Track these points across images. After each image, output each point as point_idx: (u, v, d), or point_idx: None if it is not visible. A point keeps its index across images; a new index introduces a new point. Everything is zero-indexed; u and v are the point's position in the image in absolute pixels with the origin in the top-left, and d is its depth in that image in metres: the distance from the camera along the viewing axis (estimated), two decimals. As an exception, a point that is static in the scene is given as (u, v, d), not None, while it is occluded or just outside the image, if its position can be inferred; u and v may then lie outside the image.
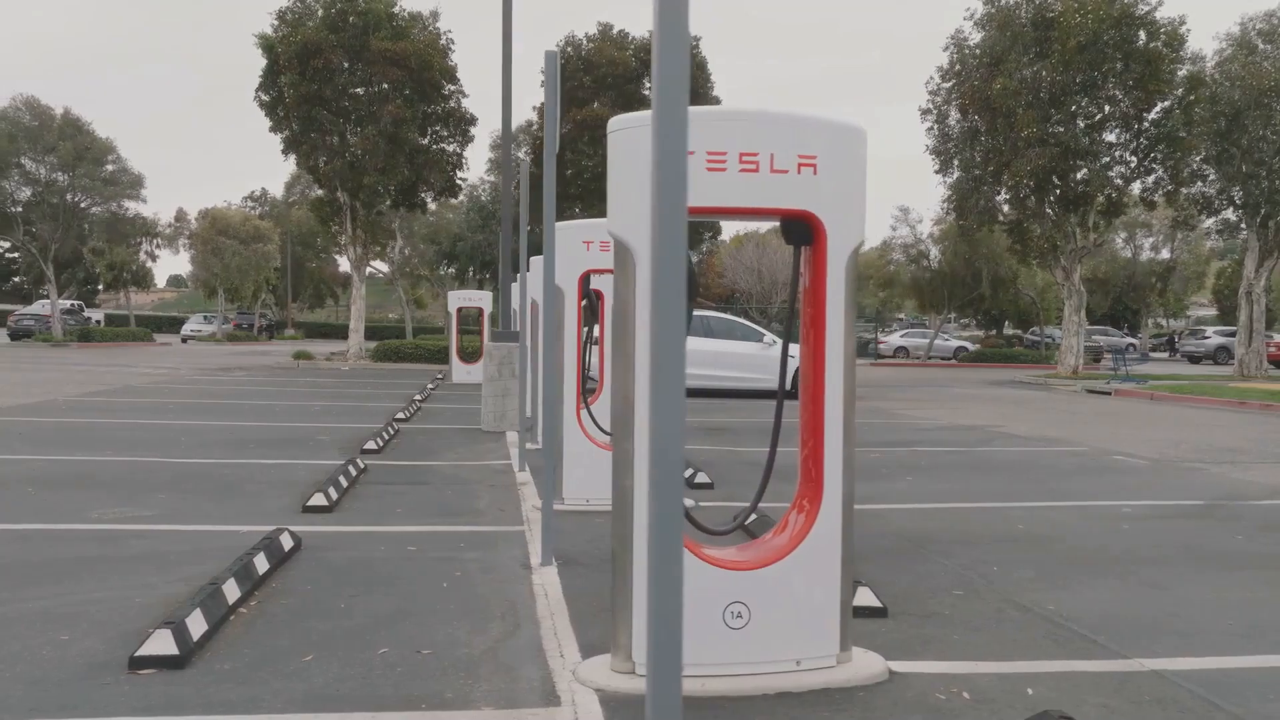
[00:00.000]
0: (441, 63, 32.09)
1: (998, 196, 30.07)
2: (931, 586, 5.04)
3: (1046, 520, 6.94)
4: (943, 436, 12.52)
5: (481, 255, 54.09)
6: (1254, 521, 7.06)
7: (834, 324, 3.60)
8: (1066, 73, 26.61)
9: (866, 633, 4.18)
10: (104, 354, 31.96)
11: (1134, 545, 6.18)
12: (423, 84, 31.39)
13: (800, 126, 3.48)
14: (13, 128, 39.45)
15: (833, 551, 3.59)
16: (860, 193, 3.58)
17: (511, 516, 6.70)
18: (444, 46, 32.81)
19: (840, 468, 3.62)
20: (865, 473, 9.08)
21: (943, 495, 7.93)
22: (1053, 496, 7.98)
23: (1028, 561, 5.66)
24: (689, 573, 3.35)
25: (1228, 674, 3.80)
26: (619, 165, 3.44)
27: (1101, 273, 55.30)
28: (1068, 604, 4.74)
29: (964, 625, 4.39)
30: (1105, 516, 7.12)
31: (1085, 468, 9.84)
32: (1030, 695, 3.50)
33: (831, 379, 3.61)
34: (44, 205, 40.96)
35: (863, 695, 3.46)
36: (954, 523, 6.80)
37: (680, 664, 1.94)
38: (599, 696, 3.39)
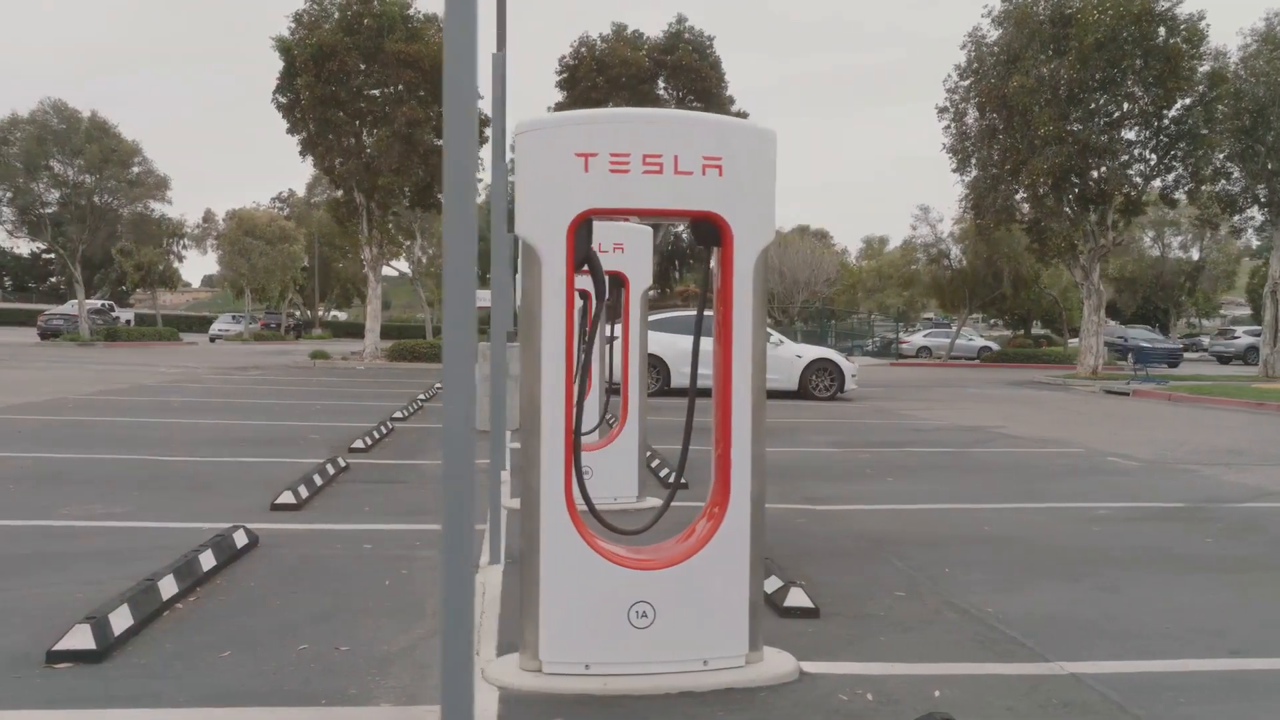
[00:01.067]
0: (457, 64, 32.31)
1: (1016, 195, 29.82)
2: (876, 588, 5.01)
3: (1016, 522, 6.88)
4: (940, 437, 12.43)
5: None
6: (1228, 524, 6.96)
7: (741, 325, 3.59)
8: (1084, 70, 26.31)
9: (794, 633, 4.18)
10: (127, 353, 32.42)
11: (1097, 547, 6.11)
12: (437, 85, 31.56)
13: (705, 128, 3.48)
14: (41, 131, 40.06)
15: (740, 552, 3.58)
16: (769, 195, 3.57)
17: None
18: (461, 48, 33.04)
19: (749, 468, 3.61)
20: (848, 473, 9.07)
21: (919, 496, 7.88)
22: (1031, 498, 7.91)
23: (983, 563, 5.62)
24: (594, 572, 3.41)
25: (1151, 677, 3.76)
26: (523, 169, 3.45)
27: (1129, 271, 54.73)
28: (1009, 606, 4.70)
29: (895, 626, 4.36)
30: (1078, 518, 7.05)
31: (1075, 469, 9.74)
32: (936, 697, 3.48)
33: (739, 380, 3.61)
34: (71, 207, 41.57)
35: (765, 695, 3.45)
36: (921, 524, 6.76)
37: (471, 659, 1.95)
38: (499, 694, 3.41)
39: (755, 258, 3.57)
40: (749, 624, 3.60)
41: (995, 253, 39.07)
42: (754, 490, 3.62)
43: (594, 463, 6.94)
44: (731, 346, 3.60)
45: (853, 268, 69.45)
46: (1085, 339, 29.46)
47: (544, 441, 3.46)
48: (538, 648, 3.51)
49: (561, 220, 3.42)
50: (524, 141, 3.46)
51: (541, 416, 3.47)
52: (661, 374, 18.56)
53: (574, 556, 3.47)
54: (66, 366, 23.53)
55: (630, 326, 7.28)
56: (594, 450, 7.09)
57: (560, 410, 3.47)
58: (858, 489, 8.19)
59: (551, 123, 3.51)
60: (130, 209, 45.72)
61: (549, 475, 3.47)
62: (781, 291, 53.20)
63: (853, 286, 68.01)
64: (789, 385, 18.64)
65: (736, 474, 3.60)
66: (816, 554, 5.78)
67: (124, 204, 45.50)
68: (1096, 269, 29.00)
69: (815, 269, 53.21)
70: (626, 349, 7.35)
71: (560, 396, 3.46)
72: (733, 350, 3.59)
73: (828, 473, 9.10)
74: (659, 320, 19.91)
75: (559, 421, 3.47)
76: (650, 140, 3.41)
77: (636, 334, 7.27)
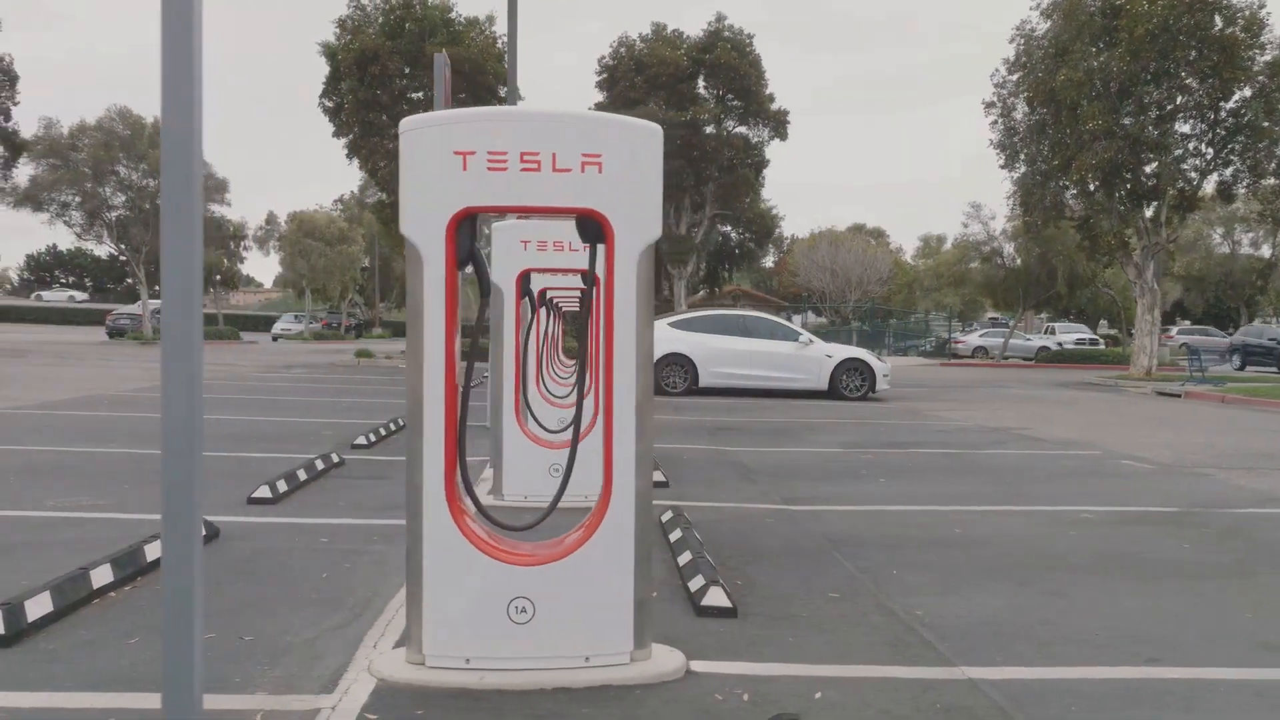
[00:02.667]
0: (496, 67, 32.60)
1: (1065, 192, 29.17)
2: (812, 588, 4.96)
3: (992, 524, 6.75)
4: (955, 439, 12.22)
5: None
6: (1215, 530, 6.74)
7: (624, 322, 3.59)
8: (1135, 62, 25.60)
9: (705, 632, 4.18)
10: None
11: (1065, 551, 5.96)
12: (477, 88, 31.91)
13: (582, 126, 3.48)
14: (108, 137, 41.39)
15: (623, 548, 3.58)
16: (652, 192, 3.55)
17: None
18: (499, 51, 33.34)
19: (632, 465, 3.60)
20: (841, 474, 8.98)
21: (903, 498, 7.76)
22: (1020, 501, 7.75)
23: (936, 565, 5.52)
24: (473, 567, 3.44)
25: (1052, 684, 3.67)
26: (404, 168, 3.48)
27: (1196, 270, 53.14)
28: (943, 609, 4.62)
29: (813, 628, 4.32)
30: (1058, 521, 6.89)
31: (1080, 471, 9.51)
32: (817, 699, 3.44)
33: (621, 375, 3.61)
34: (136, 210, 42.91)
35: (640, 693, 3.44)
36: (891, 526, 6.66)
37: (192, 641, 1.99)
38: (376, 686, 3.46)
39: (638, 255, 3.56)
40: (634, 621, 3.60)
41: (1049, 250, 38.26)
42: (639, 487, 3.61)
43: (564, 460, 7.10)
44: (614, 343, 3.59)
45: (907, 266, 68.56)
46: (1139, 339, 28.68)
47: (426, 439, 3.50)
48: (421, 641, 3.55)
49: (441, 219, 3.44)
50: (405, 141, 3.47)
51: (424, 414, 3.50)
52: (690, 373, 18.53)
53: (455, 552, 3.50)
54: (121, 364, 24.28)
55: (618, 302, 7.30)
56: (562, 449, 7.16)
57: (441, 408, 3.49)
58: (844, 490, 8.11)
59: (430, 122, 3.51)
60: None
61: (430, 472, 3.50)
62: (834, 290, 52.79)
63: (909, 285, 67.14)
64: (819, 385, 18.50)
65: (619, 471, 3.59)
66: (769, 554, 5.74)
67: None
68: (1150, 267, 28.20)
69: (868, 267, 52.68)
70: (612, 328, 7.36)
71: (441, 394, 3.49)
72: (615, 346, 3.59)
73: (820, 473, 9.02)
74: (687, 320, 19.94)
75: (439, 419, 3.49)
76: (527, 138, 3.41)
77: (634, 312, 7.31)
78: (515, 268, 7.01)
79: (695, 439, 11.35)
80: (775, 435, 12.12)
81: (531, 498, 6.95)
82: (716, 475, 8.72)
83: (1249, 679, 3.80)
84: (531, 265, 7.03)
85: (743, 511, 7.01)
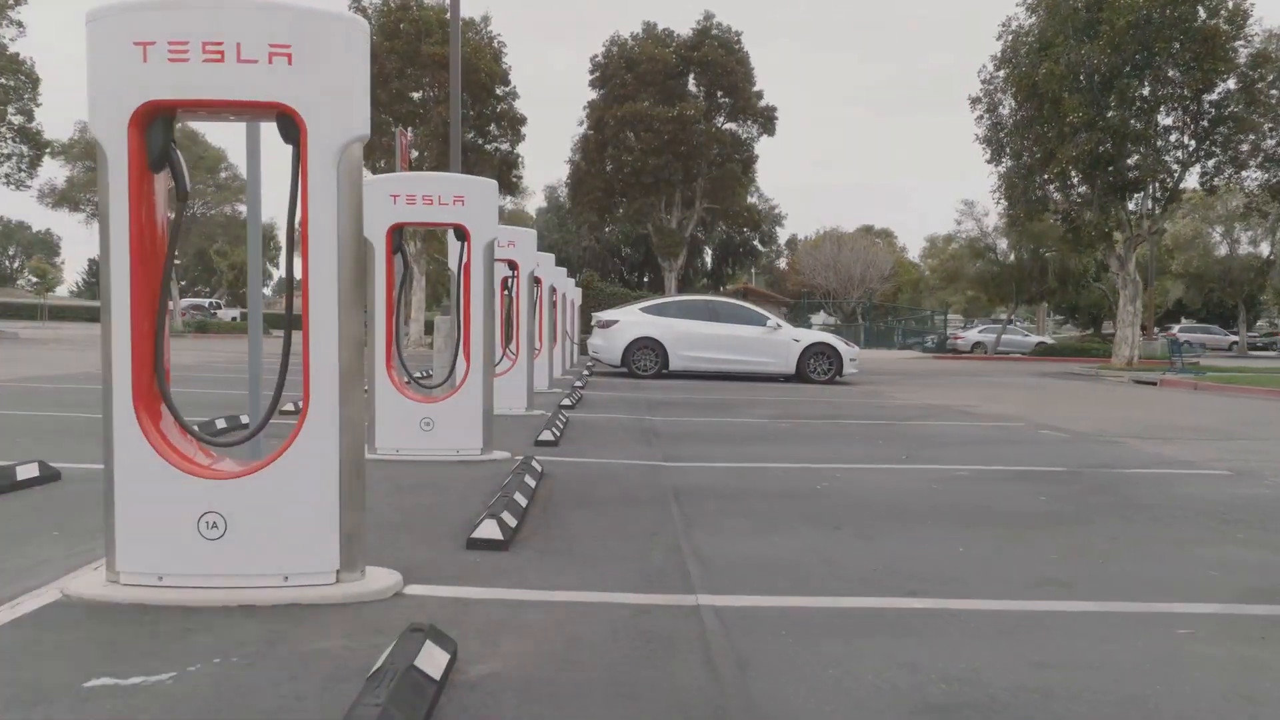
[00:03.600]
0: (492, 66, 32.60)
1: (1048, 185, 28.87)
2: (617, 530, 4.78)
3: (858, 481, 6.54)
4: (888, 413, 11.97)
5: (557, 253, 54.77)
6: (1085, 486, 6.51)
7: (323, 233, 3.39)
8: (1117, 54, 25.29)
9: (461, 562, 4.03)
10: (206, 342, 33.45)
11: (912, 504, 5.75)
12: (473, 86, 31.90)
13: (271, 14, 3.30)
14: None
15: (325, 470, 3.42)
16: (353, 86, 3.38)
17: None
18: (495, 50, 33.33)
19: (334, 386, 3.42)
20: (745, 439, 8.81)
21: (786, 458, 7.57)
22: (907, 462, 7.53)
23: (765, 513, 5.32)
24: (164, 481, 3.27)
25: (778, 611, 3.48)
26: (89, 61, 3.26)
27: (1195, 267, 52.52)
28: (733, 550, 4.44)
29: (580, 560, 4.15)
30: (929, 478, 6.67)
31: (990, 439, 9.29)
32: (527, 622, 3.27)
33: (318, 289, 3.40)
34: (168, 212, 43.15)
35: (324, 611, 3.27)
36: (751, 480, 6.47)
37: None
38: (55, 600, 3.33)
39: (335, 153, 3.35)
40: (340, 542, 3.44)
41: (1041, 245, 37.91)
42: (343, 412, 3.44)
43: (436, 415, 7.04)
44: (309, 255, 3.39)
45: (910, 265, 68.25)
46: (1121, 329, 28.33)
47: (114, 348, 3.36)
48: (115, 559, 3.41)
49: (122, 114, 3.26)
50: (88, 32, 3.27)
51: (112, 321, 3.34)
52: (660, 357, 18.43)
53: (143, 466, 3.36)
54: None
55: (473, 281, 7.15)
56: (435, 403, 7.09)
57: (127, 315, 3.32)
58: (731, 450, 7.92)
59: (110, 10, 3.27)
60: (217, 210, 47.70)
61: (119, 383, 3.37)
62: (836, 288, 52.54)
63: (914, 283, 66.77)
64: (787, 369, 18.37)
65: (315, 389, 3.43)
66: (603, 501, 5.57)
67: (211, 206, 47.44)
68: (1133, 259, 27.87)
69: (869, 266, 52.47)
70: (469, 304, 7.23)
71: (126, 303, 3.32)
72: (310, 256, 3.39)
73: (723, 439, 8.83)
74: (658, 305, 19.85)
75: (125, 326, 3.33)
76: (210, 27, 3.23)
77: (481, 289, 7.15)
78: (385, 222, 6.85)
79: (627, 411, 11.20)
80: (709, 409, 11.94)
81: (404, 451, 6.84)
82: (618, 439, 8.56)
83: (998, 609, 3.61)
84: (402, 220, 6.88)
85: (613, 467, 6.84)
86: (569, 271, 23.97)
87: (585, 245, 56.32)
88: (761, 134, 36.82)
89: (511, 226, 11.98)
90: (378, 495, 5.42)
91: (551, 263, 14.80)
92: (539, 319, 14.08)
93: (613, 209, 38.48)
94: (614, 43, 36.00)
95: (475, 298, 7.08)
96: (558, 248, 52.79)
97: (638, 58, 34.80)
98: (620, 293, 34.77)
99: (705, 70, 35.22)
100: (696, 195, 36.86)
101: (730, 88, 35.20)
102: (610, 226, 54.77)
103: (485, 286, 7.11)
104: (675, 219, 37.36)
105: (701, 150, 35.22)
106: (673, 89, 34.91)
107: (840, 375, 18.46)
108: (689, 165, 35.31)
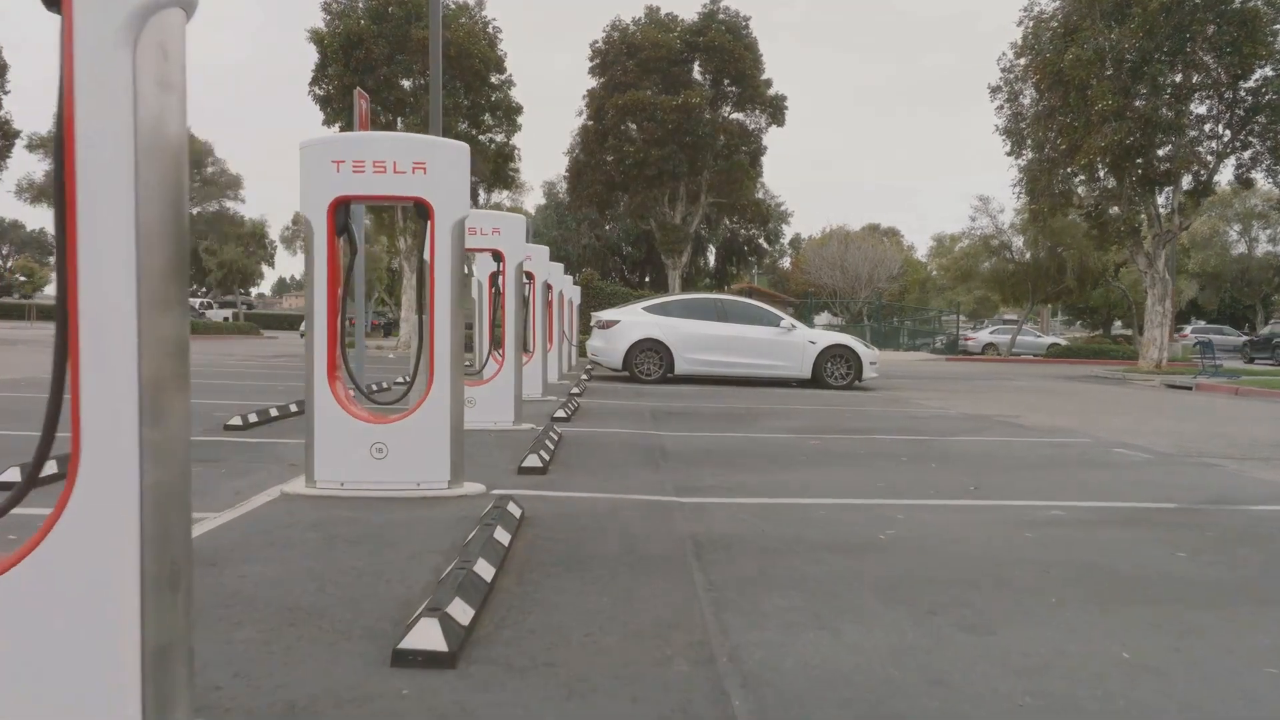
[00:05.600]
0: (486, 52, 31.09)
1: (1073, 178, 27.43)
2: (617, 617, 3.35)
3: (926, 523, 5.12)
4: (925, 425, 10.56)
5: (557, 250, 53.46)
6: (1222, 534, 5.08)
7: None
8: (1148, 39, 23.83)
9: (389, 694, 2.58)
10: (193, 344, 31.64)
11: (1007, 563, 4.31)
12: (466, 73, 30.42)
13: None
14: None
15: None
16: None
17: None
18: (489, 35, 31.83)
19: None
20: (770, 461, 7.37)
21: (827, 489, 6.14)
22: (976, 494, 6.12)
23: (819, 581, 3.90)
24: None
25: None
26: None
27: (1211, 267, 51.17)
28: (788, 657, 3.02)
29: (558, 688, 2.72)
30: (1016, 521, 5.26)
31: (1057, 460, 7.88)
32: None
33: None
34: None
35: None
36: (790, 524, 5.01)
37: None
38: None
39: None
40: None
41: (1059, 243, 36.44)
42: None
43: (390, 438, 5.57)
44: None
45: (917, 263, 66.87)
46: (1149, 330, 26.86)
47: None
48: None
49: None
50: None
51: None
52: (665, 360, 16.95)
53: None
54: None
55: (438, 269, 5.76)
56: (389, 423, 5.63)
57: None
58: (757, 479, 6.48)
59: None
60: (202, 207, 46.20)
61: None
62: (844, 287, 51.05)
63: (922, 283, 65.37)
64: (802, 373, 16.91)
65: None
66: (597, 561, 4.13)
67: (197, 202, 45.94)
68: (1162, 256, 26.43)
69: (877, 264, 51.10)
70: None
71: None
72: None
73: (742, 460, 7.40)
74: (662, 304, 18.32)
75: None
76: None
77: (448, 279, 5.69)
78: (327, 195, 5.38)
79: (630, 423, 9.78)
80: (722, 420, 10.52)
81: (350, 485, 5.35)
82: (620, 461, 7.13)
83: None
84: (348, 192, 5.39)
85: (614, 505, 5.40)
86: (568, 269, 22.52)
87: (585, 243, 54.94)
88: (770, 124, 35.21)
89: (496, 212, 10.52)
90: (296, 554, 4.00)
91: (545, 256, 13.32)
92: (531, 319, 12.64)
93: (613, 203, 36.89)
94: (615, 27, 34.38)
95: (441, 290, 5.55)
96: (557, 245, 51.43)
97: (640, 43, 33.19)
98: (621, 292, 33.32)
99: (711, 56, 33.58)
100: (702, 189, 35.27)
101: (738, 75, 33.58)
102: (611, 224, 53.29)
103: (454, 276, 5.61)
104: (679, 214, 35.83)
105: (707, 141, 33.59)
106: (677, 76, 33.29)
107: (859, 380, 17.02)
108: (694, 157, 33.69)
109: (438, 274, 5.43)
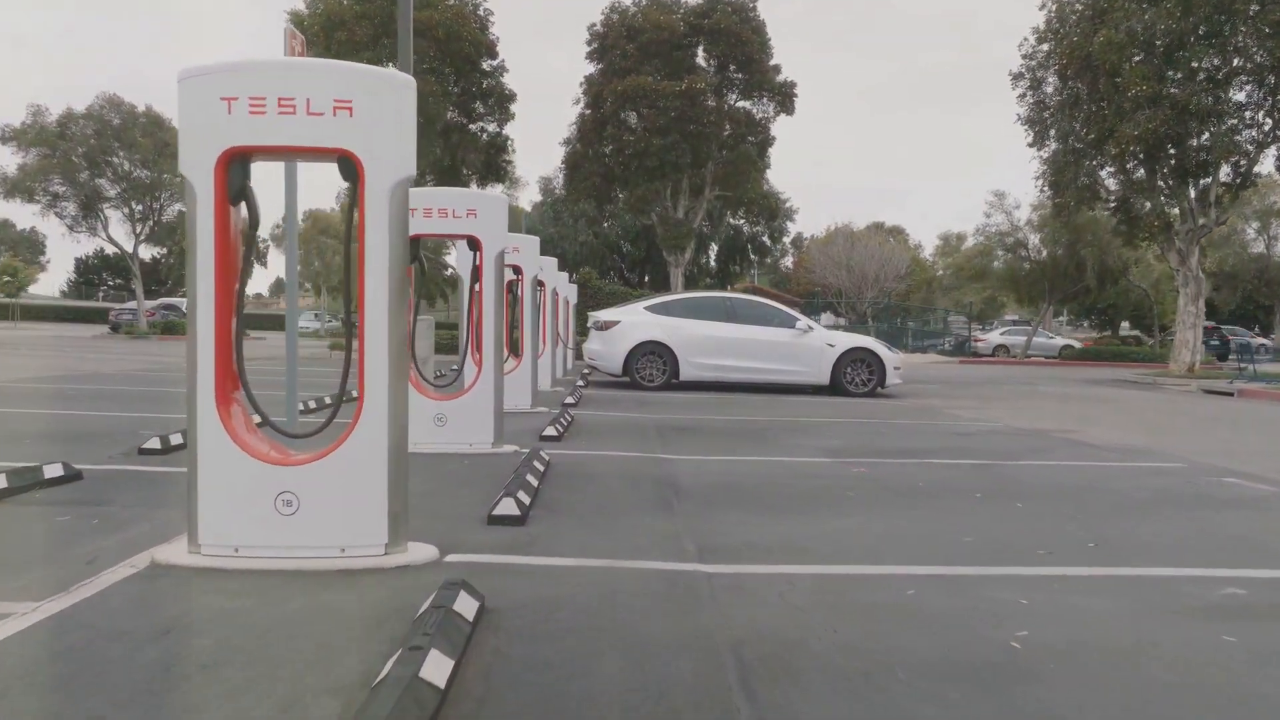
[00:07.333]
0: (476, 35, 29.50)
1: (1101, 170, 25.87)
2: None
3: (1067, 626, 3.54)
4: (979, 444, 9.01)
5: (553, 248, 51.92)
6: None
7: None
8: (1185, 20, 22.24)
9: None
10: (168, 345, 29.74)
11: (1215, 703, 2.79)
12: (454, 57, 28.84)
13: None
14: (100, 125, 38.73)
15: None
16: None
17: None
18: (480, 19, 30.25)
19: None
20: (813, 499, 5.77)
21: (903, 551, 4.56)
22: (1106, 559, 4.53)
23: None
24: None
25: None
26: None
27: (1229, 265, 49.61)
28: None
29: None
30: (1188, 608, 3.68)
31: (1174, 496, 6.31)
32: None
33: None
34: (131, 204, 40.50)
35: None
36: (876, 624, 3.45)
37: None
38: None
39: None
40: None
41: (1078, 240, 34.88)
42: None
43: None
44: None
45: (925, 262, 65.42)
46: (1182, 332, 25.31)
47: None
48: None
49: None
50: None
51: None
52: (669, 364, 15.38)
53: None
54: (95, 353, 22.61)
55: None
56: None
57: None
58: (805, 530, 4.91)
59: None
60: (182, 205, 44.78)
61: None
62: (850, 287, 49.49)
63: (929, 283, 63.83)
64: (819, 379, 15.33)
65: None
66: (591, 706, 2.58)
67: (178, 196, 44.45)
68: (1195, 253, 24.88)
69: (884, 264, 49.58)
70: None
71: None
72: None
73: (779, 499, 5.82)
74: (665, 303, 16.71)
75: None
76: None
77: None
78: (215, 146, 3.80)
79: (632, 443, 8.22)
80: (741, 438, 8.96)
81: (246, 550, 3.78)
82: (621, 503, 5.54)
83: None
84: (244, 141, 3.81)
85: (613, 581, 3.81)
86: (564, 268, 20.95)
87: (582, 240, 53.38)
88: (779, 113, 33.43)
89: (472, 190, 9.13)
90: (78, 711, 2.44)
91: (536, 248, 11.73)
92: (521, 319, 11.09)
93: (612, 197, 35.21)
94: (614, 10, 32.60)
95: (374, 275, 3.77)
96: (554, 243, 49.85)
97: (641, 26, 31.44)
98: (620, 291, 31.73)
99: (716, 40, 31.83)
100: (706, 181, 33.55)
101: (744, 60, 31.80)
102: (609, 221, 51.58)
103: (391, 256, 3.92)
104: (682, 208, 34.16)
105: (712, 130, 31.84)
106: (680, 61, 31.55)
107: (882, 386, 15.44)
108: (698, 147, 31.94)
109: (369, 254, 3.81)
